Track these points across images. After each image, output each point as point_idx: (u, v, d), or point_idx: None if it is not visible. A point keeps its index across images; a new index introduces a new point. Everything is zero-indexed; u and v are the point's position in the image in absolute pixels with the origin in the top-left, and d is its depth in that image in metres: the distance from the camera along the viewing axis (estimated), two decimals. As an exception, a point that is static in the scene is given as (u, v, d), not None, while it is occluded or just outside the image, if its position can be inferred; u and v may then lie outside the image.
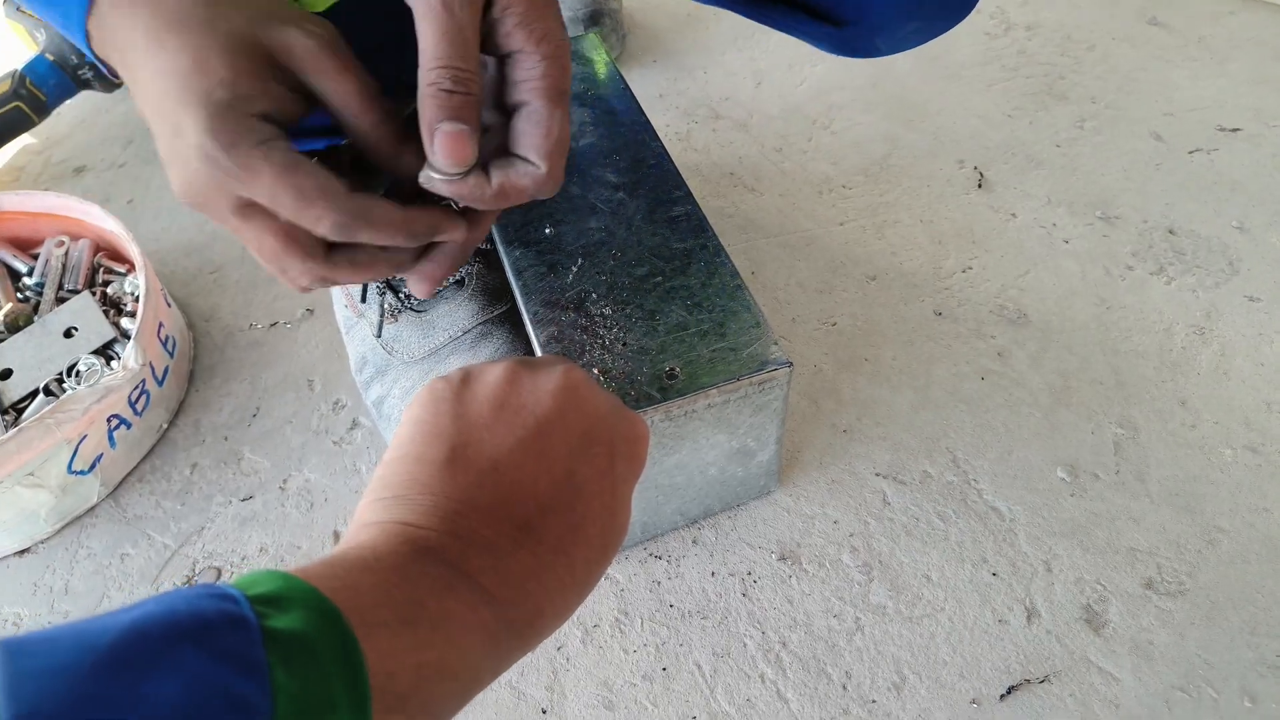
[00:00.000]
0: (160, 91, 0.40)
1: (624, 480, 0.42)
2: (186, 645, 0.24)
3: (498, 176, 0.42)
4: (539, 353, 0.56)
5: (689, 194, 0.64)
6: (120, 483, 0.69)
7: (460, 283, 0.64)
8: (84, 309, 0.74)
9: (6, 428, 0.67)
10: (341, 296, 0.71)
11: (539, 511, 0.37)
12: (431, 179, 0.41)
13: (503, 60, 0.42)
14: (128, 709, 0.22)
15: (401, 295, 0.65)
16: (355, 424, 0.72)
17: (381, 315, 0.65)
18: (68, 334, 0.72)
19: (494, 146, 0.43)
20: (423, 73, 0.40)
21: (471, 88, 0.40)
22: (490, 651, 0.33)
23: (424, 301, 0.64)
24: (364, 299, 0.66)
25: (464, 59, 0.40)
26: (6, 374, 0.70)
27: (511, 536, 0.36)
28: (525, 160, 0.42)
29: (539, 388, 0.40)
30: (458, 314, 0.64)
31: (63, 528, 0.67)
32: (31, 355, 0.71)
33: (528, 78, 0.41)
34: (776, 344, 0.55)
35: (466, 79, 0.40)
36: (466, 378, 0.41)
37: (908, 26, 0.57)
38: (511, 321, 0.65)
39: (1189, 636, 0.58)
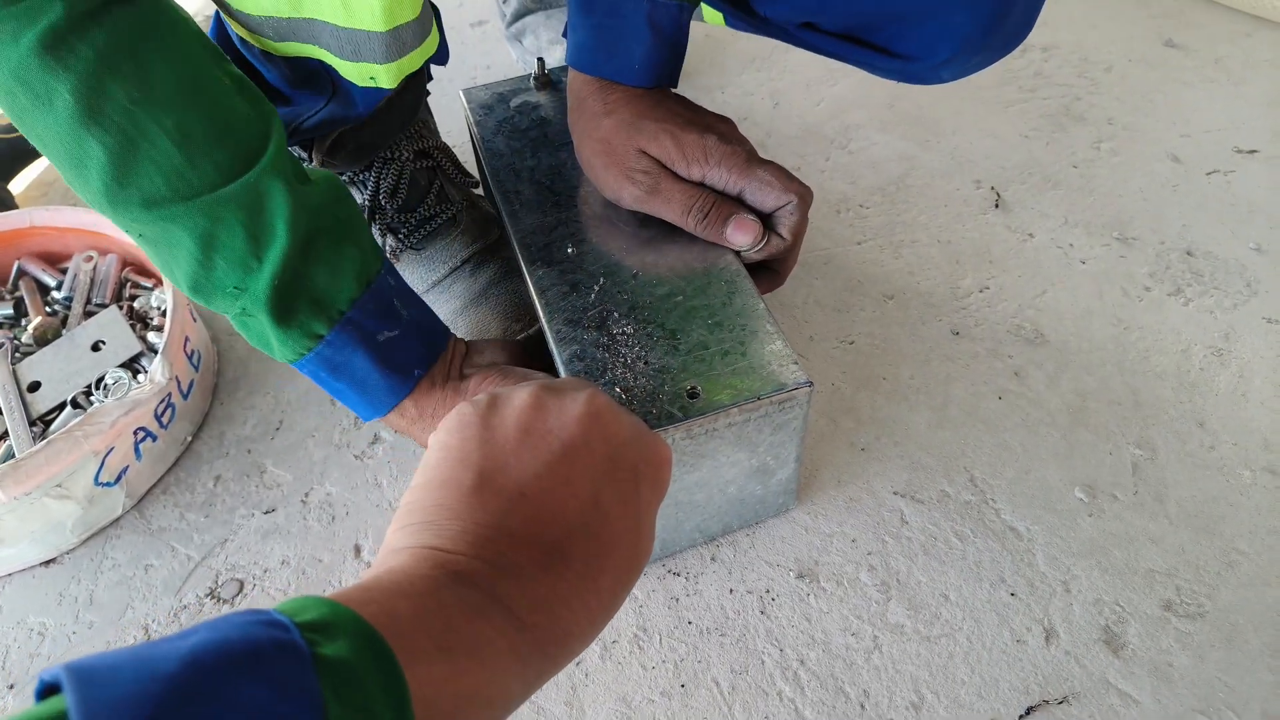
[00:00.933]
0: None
1: (648, 504, 0.42)
2: (244, 676, 0.24)
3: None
4: (563, 372, 0.57)
5: (709, 214, 0.65)
6: (145, 495, 0.70)
7: (453, 219, 0.71)
8: (111, 323, 0.75)
9: (35, 439, 0.68)
10: None
11: (566, 536, 0.37)
12: None
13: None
14: None
15: (401, 235, 0.70)
16: (377, 439, 0.73)
17: None
18: (95, 347, 0.74)
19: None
20: None
21: None
22: (521, 675, 0.34)
23: (422, 240, 0.71)
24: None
25: None
26: (35, 386, 0.71)
27: (540, 561, 0.36)
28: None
29: (565, 413, 0.41)
30: (454, 246, 0.71)
31: (88, 539, 0.68)
32: (60, 368, 0.72)
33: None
34: (797, 363, 0.55)
35: None
36: (493, 403, 0.42)
37: (973, 60, 0.60)
38: (502, 249, 0.72)
39: (1209, 659, 0.58)
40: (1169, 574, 0.62)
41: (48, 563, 0.67)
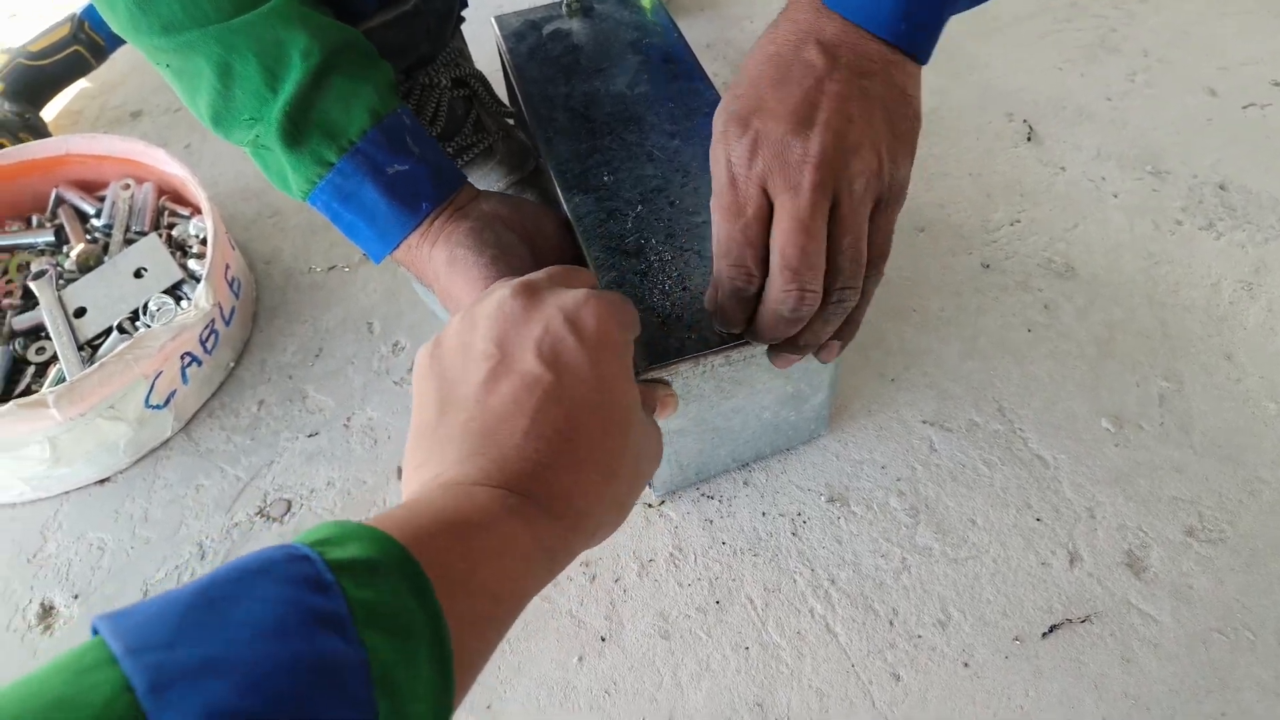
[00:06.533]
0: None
1: (601, 362, 0.41)
2: (262, 579, 0.26)
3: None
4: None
5: (746, 143, 0.65)
6: (192, 418, 0.72)
7: (489, 149, 0.71)
8: (153, 250, 0.76)
9: (83, 364, 0.70)
10: None
11: (527, 418, 0.38)
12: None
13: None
14: (224, 631, 0.24)
15: None
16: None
17: None
18: (137, 274, 0.75)
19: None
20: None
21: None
22: (530, 532, 0.35)
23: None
24: None
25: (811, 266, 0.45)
26: (81, 312, 0.73)
27: (510, 445, 0.37)
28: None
29: (489, 315, 0.42)
30: (490, 177, 0.71)
31: (139, 459, 0.70)
32: (104, 294, 0.74)
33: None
34: (835, 291, 0.56)
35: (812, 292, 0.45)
36: (438, 338, 0.43)
37: None
38: (538, 180, 0.72)
39: (1228, 582, 0.60)
40: (1192, 501, 0.64)
41: (102, 481, 0.69)
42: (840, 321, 0.49)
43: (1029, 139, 0.88)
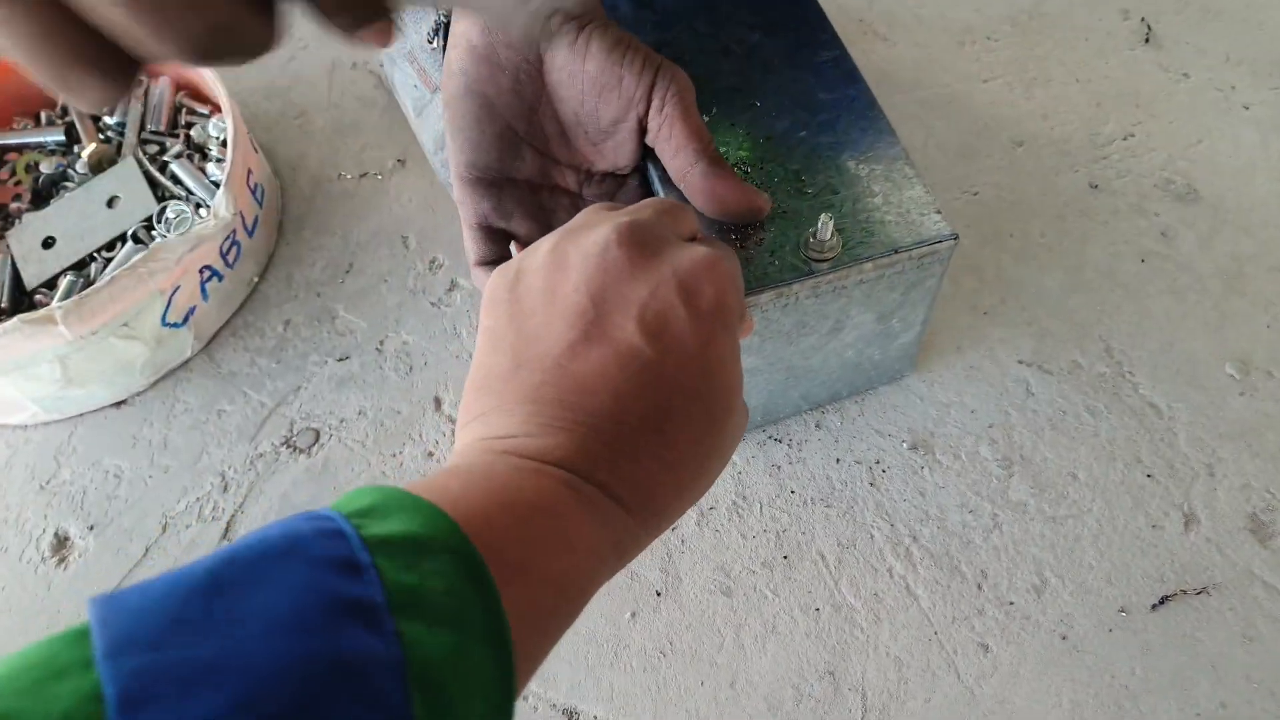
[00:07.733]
0: None
1: (711, 335, 0.35)
2: (286, 561, 0.23)
3: None
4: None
5: (835, 36, 0.56)
6: (213, 337, 0.66)
7: None
8: (129, 177, 0.68)
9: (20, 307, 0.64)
10: (413, 74, 0.67)
11: (613, 395, 0.33)
12: None
13: None
14: (229, 627, 0.21)
15: None
16: (454, 285, 0.67)
17: None
18: (110, 203, 0.68)
19: None
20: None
21: None
22: (600, 523, 0.31)
23: None
24: (444, 49, 0.58)
25: None
26: (50, 242, 0.66)
27: (589, 424, 0.33)
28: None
29: (588, 262, 0.35)
30: None
31: (157, 381, 0.65)
32: (74, 224, 0.67)
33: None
34: (940, 213, 0.48)
35: None
36: (519, 271, 0.37)
37: None
38: None
39: (1370, 554, 0.53)
40: (1329, 461, 0.56)
41: (119, 404, 0.64)
42: None
43: (1147, 40, 0.77)
